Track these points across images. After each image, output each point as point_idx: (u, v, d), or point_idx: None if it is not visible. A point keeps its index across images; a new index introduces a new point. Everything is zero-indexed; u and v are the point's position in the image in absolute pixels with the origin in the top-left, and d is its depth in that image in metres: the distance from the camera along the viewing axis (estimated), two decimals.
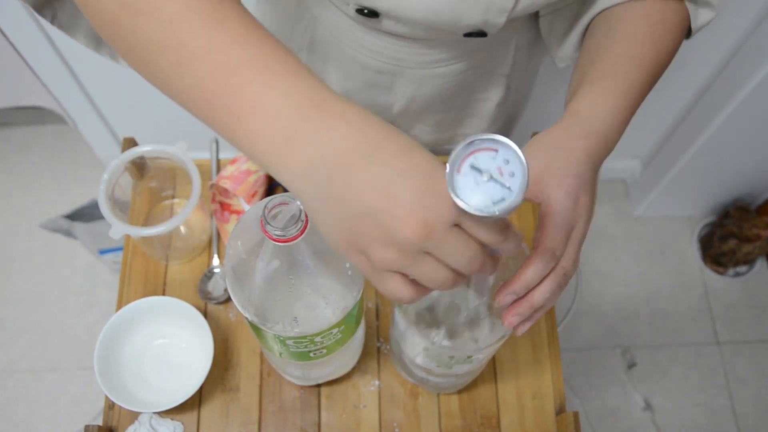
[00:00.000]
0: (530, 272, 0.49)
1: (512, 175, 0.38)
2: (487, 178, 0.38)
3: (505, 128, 0.97)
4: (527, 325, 0.53)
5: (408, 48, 0.71)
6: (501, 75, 0.82)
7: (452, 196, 0.38)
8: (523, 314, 0.51)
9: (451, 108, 0.85)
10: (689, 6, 0.62)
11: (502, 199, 0.38)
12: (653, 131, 1.71)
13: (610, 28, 0.62)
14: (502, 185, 0.38)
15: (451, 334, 0.60)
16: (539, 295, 0.51)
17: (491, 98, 0.86)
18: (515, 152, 0.38)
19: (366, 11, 0.63)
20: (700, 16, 0.63)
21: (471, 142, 0.39)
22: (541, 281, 0.51)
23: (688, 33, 0.65)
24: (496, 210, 0.38)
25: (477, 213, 0.38)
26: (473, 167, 0.38)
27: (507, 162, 0.38)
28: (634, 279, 1.83)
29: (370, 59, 0.74)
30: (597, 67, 0.59)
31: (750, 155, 1.60)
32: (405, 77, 0.76)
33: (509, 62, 0.81)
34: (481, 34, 0.65)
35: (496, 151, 0.38)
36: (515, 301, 0.51)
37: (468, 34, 0.65)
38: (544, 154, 0.53)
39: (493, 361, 0.85)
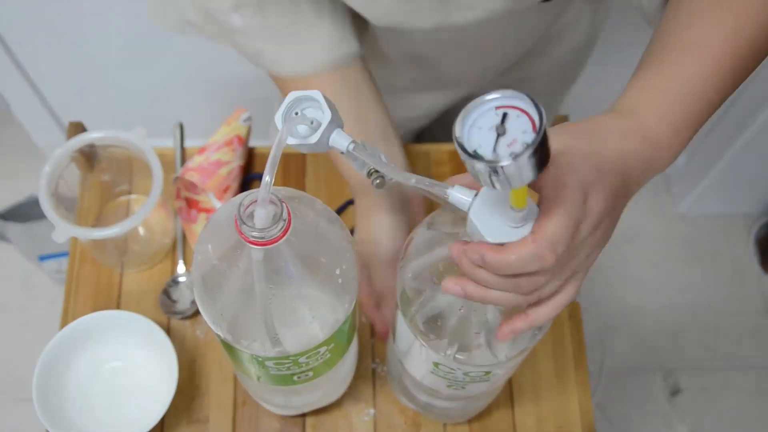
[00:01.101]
0: (519, 256, 0.47)
1: (513, 156, 0.40)
2: (500, 133, 0.41)
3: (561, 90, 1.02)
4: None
5: None
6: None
7: (458, 119, 0.42)
8: (519, 330, 0.53)
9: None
10: None
11: (481, 156, 0.41)
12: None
13: (678, 7, 0.59)
14: (495, 148, 0.41)
15: (465, 347, 0.60)
16: (542, 316, 0.52)
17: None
18: (540, 143, 0.40)
19: None
20: None
21: (534, 106, 0.41)
22: (548, 300, 0.52)
23: None
24: (470, 150, 0.41)
25: (455, 134, 0.42)
26: (505, 116, 0.41)
27: (525, 145, 0.40)
28: (678, 289, 1.83)
29: None
30: (652, 57, 0.56)
31: None
32: None
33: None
34: None
35: (534, 131, 0.40)
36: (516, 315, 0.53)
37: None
38: (569, 138, 0.51)
39: (509, 386, 0.86)
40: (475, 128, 0.42)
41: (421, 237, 0.60)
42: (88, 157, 0.89)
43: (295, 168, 0.95)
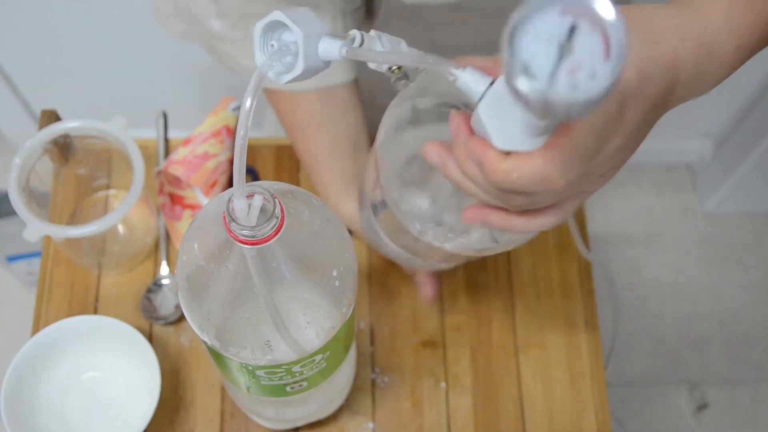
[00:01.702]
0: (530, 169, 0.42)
1: (573, 86, 0.34)
2: (562, 50, 0.34)
3: None
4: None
5: None
6: None
7: (513, 16, 0.35)
8: (488, 224, 0.50)
9: None
10: None
11: (532, 75, 0.34)
12: (728, 104, 1.71)
13: None
14: (552, 71, 0.34)
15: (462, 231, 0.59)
16: (524, 227, 0.49)
17: None
18: (615, 79, 0.34)
19: None
20: None
21: (616, 17, 0.34)
22: (537, 213, 0.48)
23: None
24: (515, 65, 0.34)
25: (503, 41, 0.35)
26: (573, 29, 0.35)
27: (592, 77, 0.34)
28: (705, 294, 1.83)
29: None
30: None
31: None
32: None
33: None
34: None
35: (608, 57, 0.34)
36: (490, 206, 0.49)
37: None
38: None
39: (520, 398, 0.86)
40: (530, 35, 0.34)
41: (398, 117, 0.57)
42: (63, 148, 0.88)
43: (289, 161, 0.95)
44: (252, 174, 0.94)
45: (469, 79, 0.43)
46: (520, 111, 0.40)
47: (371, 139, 0.81)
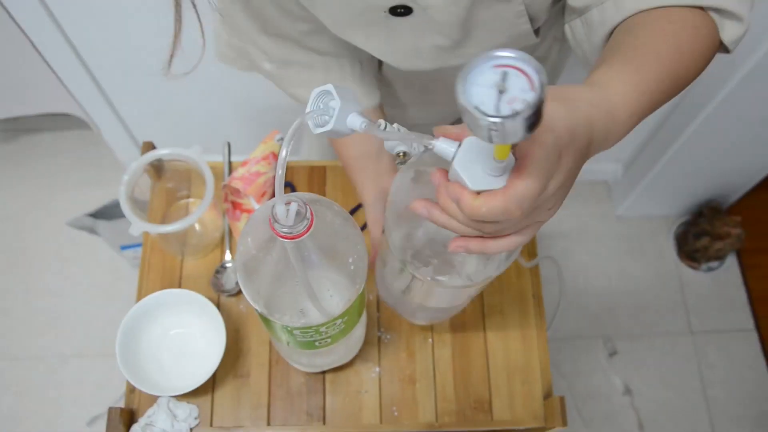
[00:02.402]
0: (492, 207, 0.41)
1: (514, 113, 0.34)
2: (501, 90, 0.35)
3: None
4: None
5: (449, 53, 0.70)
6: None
7: (464, 69, 0.35)
8: (469, 250, 0.47)
9: None
10: (713, 15, 0.55)
11: (484, 113, 0.34)
12: (634, 137, 1.70)
13: (630, 28, 0.55)
14: (497, 105, 0.34)
15: (444, 272, 0.58)
16: (495, 248, 0.46)
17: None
18: (540, 101, 0.34)
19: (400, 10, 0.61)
20: (728, 28, 0.55)
21: (530, 64, 0.35)
22: (505, 237, 0.46)
23: (725, 48, 0.57)
24: (471, 106, 0.34)
25: (458, 93, 0.35)
26: (504, 75, 0.35)
27: (524, 103, 0.34)
28: (616, 274, 1.82)
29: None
30: (614, 56, 0.52)
31: (722, 159, 1.59)
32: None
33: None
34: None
35: (532, 90, 0.34)
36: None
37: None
38: (548, 101, 0.44)
39: (485, 349, 0.84)
40: (476, 86, 0.35)
41: (405, 178, 0.56)
42: (157, 168, 0.88)
43: (318, 177, 0.94)
44: (291, 187, 0.92)
45: (442, 146, 0.43)
46: (485, 159, 0.40)
47: None
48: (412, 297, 0.68)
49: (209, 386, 0.81)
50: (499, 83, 0.35)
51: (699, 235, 1.74)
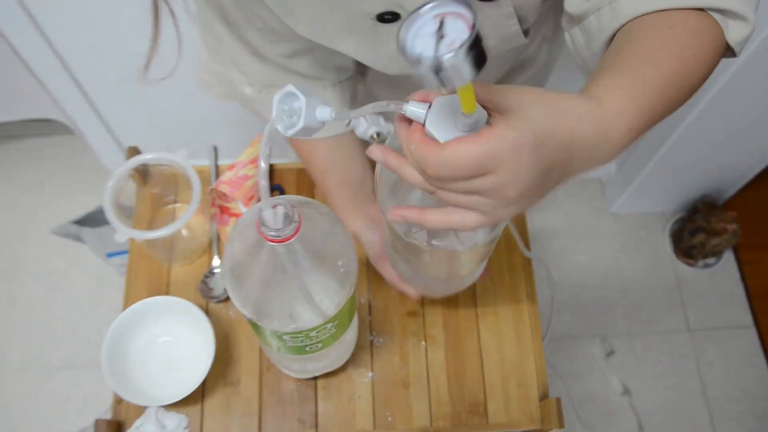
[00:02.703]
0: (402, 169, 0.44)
1: (453, 51, 0.36)
2: (438, 38, 0.37)
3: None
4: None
5: None
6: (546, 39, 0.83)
7: (401, 28, 0.37)
8: (407, 219, 0.48)
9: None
10: (716, 16, 0.53)
11: (426, 57, 0.36)
12: None
13: (630, 33, 0.53)
14: (436, 49, 0.36)
15: (439, 238, 0.59)
16: (432, 221, 0.47)
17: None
18: (476, 35, 0.36)
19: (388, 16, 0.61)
20: (733, 29, 0.53)
21: (457, 3, 0.37)
22: (445, 211, 0.46)
23: (732, 51, 0.55)
24: (416, 53, 0.36)
25: (399, 41, 0.37)
26: (443, 22, 0.37)
27: (461, 34, 0.36)
28: (611, 272, 1.83)
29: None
30: (613, 67, 0.50)
31: (716, 154, 1.60)
32: None
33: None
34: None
35: (468, 26, 0.36)
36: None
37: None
38: (532, 101, 0.43)
39: (479, 351, 0.84)
40: (418, 37, 0.37)
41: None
42: (143, 174, 0.88)
43: (307, 180, 0.94)
44: (279, 190, 0.92)
45: (412, 109, 0.43)
46: (455, 116, 0.41)
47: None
48: (421, 268, 0.69)
49: (198, 395, 0.80)
50: (436, 30, 0.37)
51: (695, 231, 1.75)
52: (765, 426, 1.67)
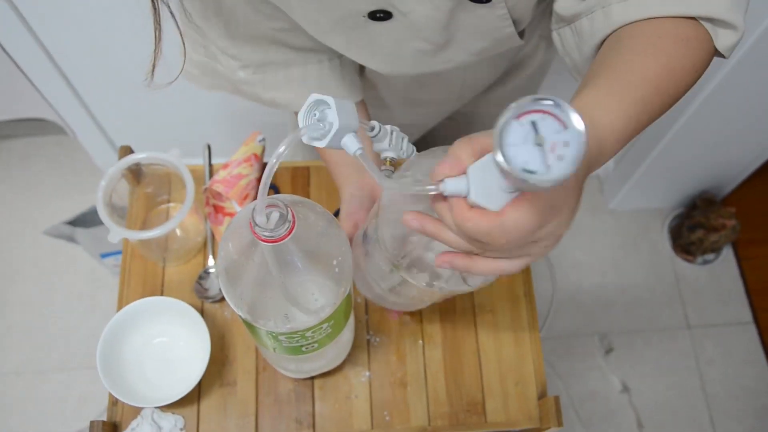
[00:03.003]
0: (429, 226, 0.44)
1: (560, 159, 0.33)
2: (539, 143, 0.34)
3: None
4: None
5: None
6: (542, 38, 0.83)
7: (494, 134, 0.34)
8: (454, 266, 0.48)
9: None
10: (706, 25, 0.54)
11: (534, 172, 0.34)
12: None
13: (618, 42, 0.55)
14: (543, 160, 0.34)
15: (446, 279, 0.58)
16: (480, 269, 0.47)
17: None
18: (581, 140, 0.33)
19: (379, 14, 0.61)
20: (722, 37, 0.54)
21: (550, 101, 0.34)
22: (492, 260, 0.46)
23: (721, 54, 0.56)
24: (520, 172, 0.33)
25: (501, 164, 0.34)
26: (534, 124, 0.34)
27: (566, 144, 0.34)
28: (610, 269, 1.83)
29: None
30: (601, 76, 0.52)
31: (714, 150, 1.61)
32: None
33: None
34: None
35: (565, 127, 0.34)
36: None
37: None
38: None
39: (477, 351, 0.84)
40: (511, 147, 0.34)
41: (398, 196, 0.56)
42: (136, 173, 0.88)
43: (301, 179, 0.94)
44: (274, 188, 0.92)
45: (452, 189, 0.41)
46: (496, 178, 0.39)
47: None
48: (399, 295, 0.68)
49: (194, 396, 0.80)
50: (535, 136, 0.34)
51: (693, 227, 1.76)
52: (765, 423, 1.68)
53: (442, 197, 0.43)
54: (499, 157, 0.34)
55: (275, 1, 0.62)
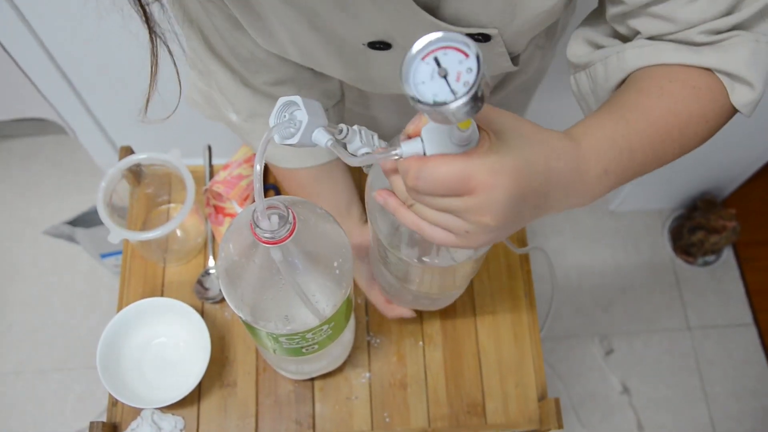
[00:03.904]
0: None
1: (466, 84, 0.36)
2: (442, 75, 0.37)
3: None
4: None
5: None
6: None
7: (402, 76, 0.37)
8: (387, 206, 0.47)
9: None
10: (723, 78, 0.52)
11: (444, 102, 0.36)
12: None
13: (628, 83, 0.54)
14: (451, 89, 0.36)
15: (435, 253, 0.59)
16: (404, 218, 0.47)
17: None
18: (479, 59, 0.36)
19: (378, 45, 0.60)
20: (738, 92, 0.53)
21: (446, 37, 0.37)
22: (426, 222, 0.45)
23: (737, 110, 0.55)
24: (431, 105, 0.36)
25: (414, 96, 0.37)
26: (436, 60, 0.37)
27: (470, 71, 0.36)
28: (610, 270, 1.83)
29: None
30: (600, 110, 0.51)
31: (716, 151, 1.60)
32: None
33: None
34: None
35: (467, 56, 0.36)
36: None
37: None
38: (510, 120, 0.44)
39: (477, 352, 0.84)
40: (420, 85, 0.37)
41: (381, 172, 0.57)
42: (136, 174, 0.88)
43: None
44: (274, 190, 0.92)
45: (409, 150, 0.42)
46: (448, 137, 0.41)
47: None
48: (410, 284, 0.69)
49: (194, 397, 0.80)
50: (437, 70, 0.37)
51: (694, 228, 1.76)
52: (765, 424, 1.68)
53: (395, 171, 0.44)
54: (409, 92, 0.37)
55: (265, 42, 0.61)
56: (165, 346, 0.83)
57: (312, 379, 0.82)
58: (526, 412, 0.81)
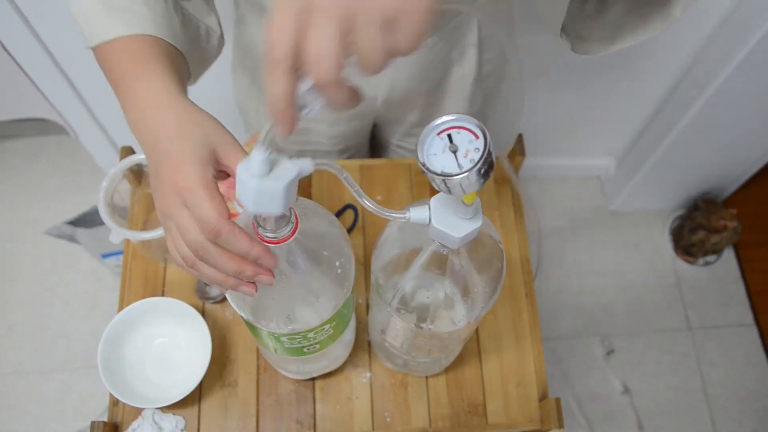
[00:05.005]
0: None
1: (472, 162, 0.41)
2: (453, 150, 0.42)
3: (485, 107, 0.97)
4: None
5: None
6: (471, 45, 0.83)
7: (418, 145, 0.43)
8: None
9: (431, 89, 0.86)
10: None
11: (450, 173, 0.42)
12: (626, 131, 1.72)
13: None
14: (459, 163, 0.42)
15: (432, 319, 0.59)
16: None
17: (466, 73, 0.86)
18: (486, 146, 0.42)
19: None
20: None
21: (462, 119, 0.42)
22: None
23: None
24: (438, 171, 0.42)
25: (424, 163, 0.42)
26: (449, 137, 0.43)
27: (477, 150, 0.42)
28: (611, 270, 1.83)
29: None
30: None
31: (717, 151, 1.61)
32: None
33: (475, 30, 0.82)
34: None
35: (477, 137, 0.42)
36: None
37: None
38: None
39: (478, 352, 0.84)
40: (431, 156, 0.42)
41: (392, 234, 0.58)
42: (137, 174, 0.88)
43: (303, 180, 0.94)
44: None
45: (416, 216, 0.48)
46: (453, 207, 0.47)
47: None
48: (401, 345, 0.70)
49: (195, 397, 0.81)
50: (449, 146, 0.42)
51: (695, 229, 1.76)
52: (766, 425, 1.68)
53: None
54: (422, 161, 0.43)
55: None
56: (166, 346, 0.83)
57: (313, 379, 0.82)
58: (527, 412, 0.82)
